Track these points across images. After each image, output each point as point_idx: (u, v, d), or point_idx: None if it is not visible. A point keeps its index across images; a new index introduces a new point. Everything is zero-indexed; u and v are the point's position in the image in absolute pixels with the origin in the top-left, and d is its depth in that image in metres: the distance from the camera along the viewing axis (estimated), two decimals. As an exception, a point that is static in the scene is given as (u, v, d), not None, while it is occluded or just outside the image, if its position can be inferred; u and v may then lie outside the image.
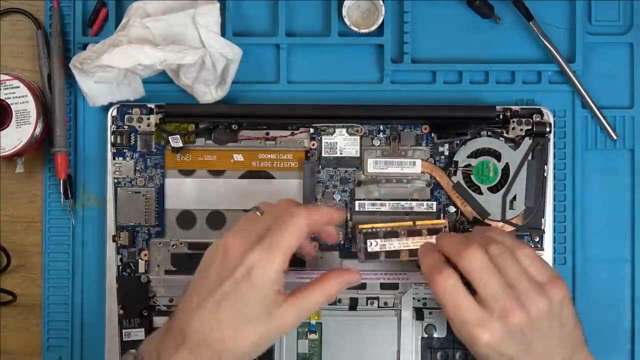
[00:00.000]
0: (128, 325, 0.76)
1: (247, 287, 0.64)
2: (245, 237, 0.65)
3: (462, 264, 0.68)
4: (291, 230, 0.65)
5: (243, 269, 0.64)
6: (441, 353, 0.76)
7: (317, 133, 0.77)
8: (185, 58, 0.72)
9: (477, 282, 0.67)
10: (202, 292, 0.65)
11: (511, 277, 0.67)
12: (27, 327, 0.79)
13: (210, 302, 0.64)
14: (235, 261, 0.65)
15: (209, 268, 0.66)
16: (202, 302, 0.65)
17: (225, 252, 0.65)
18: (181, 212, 0.77)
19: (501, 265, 0.68)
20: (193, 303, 0.65)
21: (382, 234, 0.75)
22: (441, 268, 0.68)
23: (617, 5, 0.79)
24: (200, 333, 0.64)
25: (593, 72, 0.78)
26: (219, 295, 0.64)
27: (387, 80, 0.78)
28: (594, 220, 0.78)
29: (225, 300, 0.64)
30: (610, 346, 0.78)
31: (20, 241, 0.79)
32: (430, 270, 0.69)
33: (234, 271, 0.64)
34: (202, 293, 0.65)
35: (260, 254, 0.64)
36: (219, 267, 0.65)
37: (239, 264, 0.64)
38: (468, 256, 0.68)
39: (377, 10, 0.77)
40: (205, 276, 0.66)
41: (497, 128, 0.76)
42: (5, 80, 0.76)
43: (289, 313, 0.65)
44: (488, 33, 0.79)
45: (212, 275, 0.65)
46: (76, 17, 0.78)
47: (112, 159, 0.77)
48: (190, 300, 0.65)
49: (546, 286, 0.67)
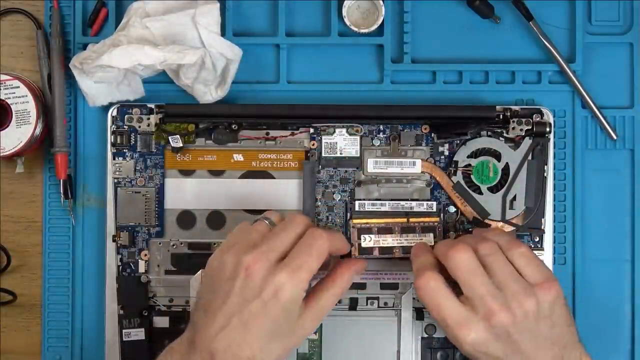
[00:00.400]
0: (128, 325, 0.76)
1: (275, 307, 0.65)
2: (267, 255, 0.66)
3: (448, 264, 0.69)
4: (316, 255, 0.66)
5: (271, 289, 0.65)
6: (441, 353, 0.76)
7: (317, 133, 0.77)
8: (185, 58, 0.72)
9: (463, 282, 0.68)
10: (226, 312, 0.65)
11: (500, 278, 0.68)
12: (27, 327, 0.79)
13: (238, 322, 0.65)
14: (260, 281, 0.65)
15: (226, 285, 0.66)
16: (228, 322, 0.65)
17: (247, 270, 0.65)
18: (181, 212, 0.77)
19: (490, 266, 0.68)
20: (218, 323, 0.65)
21: (376, 230, 0.75)
22: (425, 270, 0.69)
23: (617, 5, 0.79)
24: (229, 353, 0.64)
25: (593, 72, 0.78)
26: (246, 315, 0.65)
27: (387, 80, 0.78)
28: (594, 220, 0.78)
29: (253, 320, 0.65)
30: (610, 346, 0.78)
31: (20, 241, 0.79)
32: (416, 273, 0.70)
33: (260, 291, 0.65)
34: (226, 313, 0.65)
35: (289, 275, 0.65)
36: (242, 287, 0.65)
37: (266, 284, 0.65)
38: (454, 256, 0.68)
39: (377, 10, 0.77)
40: (226, 294, 0.65)
41: (497, 128, 0.76)
42: (5, 80, 0.76)
43: (308, 319, 0.67)
44: (488, 33, 0.79)
45: (236, 294, 0.65)
46: (76, 17, 0.78)
47: (112, 159, 0.77)
48: (214, 320, 0.65)
49: (537, 287, 0.68)
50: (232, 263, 0.66)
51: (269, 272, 0.65)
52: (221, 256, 0.67)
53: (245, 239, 0.67)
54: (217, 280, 0.67)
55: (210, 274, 0.68)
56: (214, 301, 0.66)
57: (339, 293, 0.69)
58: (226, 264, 0.66)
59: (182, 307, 0.76)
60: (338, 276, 0.69)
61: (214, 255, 0.68)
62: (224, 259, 0.67)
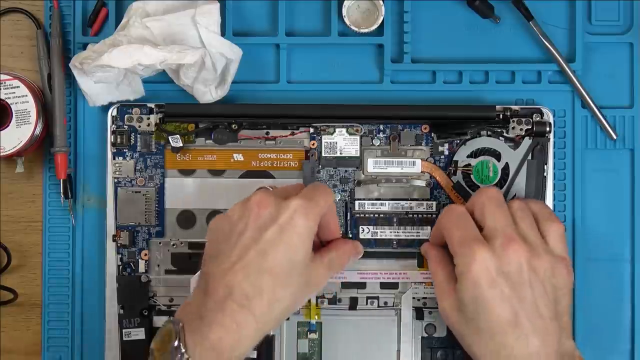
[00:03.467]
0: (128, 325, 0.76)
1: (291, 233, 0.64)
2: (275, 193, 0.66)
3: (477, 197, 0.68)
4: (324, 195, 0.67)
5: (286, 214, 0.64)
6: (441, 353, 0.76)
7: (317, 133, 0.77)
8: (185, 58, 0.72)
9: (488, 214, 0.67)
10: (239, 246, 0.64)
11: (523, 230, 0.67)
12: (27, 327, 0.79)
13: (254, 253, 0.63)
14: (274, 210, 0.64)
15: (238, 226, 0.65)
16: (244, 254, 0.63)
17: (259, 204, 0.65)
18: (181, 211, 0.77)
19: (518, 220, 0.68)
20: (232, 258, 0.63)
21: (375, 221, 0.75)
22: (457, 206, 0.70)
23: (617, 5, 0.79)
24: (249, 284, 0.63)
25: (593, 72, 0.78)
26: (262, 243, 0.63)
27: (387, 80, 0.78)
28: (594, 220, 0.78)
29: (271, 247, 0.63)
30: (610, 346, 0.78)
31: (20, 241, 0.79)
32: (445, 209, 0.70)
33: (274, 219, 0.64)
34: (239, 247, 0.64)
35: (302, 202, 0.64)
36: (255, 218, 0.64)
37: (280, 211, 0.64)
38: (485, 190, 0.69)
39: (377, 10, 0.77)
40: (240, 232, 0.64)
41: (497, 128, 0.76)
42: (5, 80, 0.76)
43: (320, 268, 0.67)
44: (488, 33, 0.79)
45: (249, 228, 0.64)
46: (76, 17, 0.78)
47: (112, 158, 0.77)
48: (226, 257, 0.64)
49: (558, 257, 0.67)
50: (239, 207, 0.66)
51: (281, 202, 0.65)
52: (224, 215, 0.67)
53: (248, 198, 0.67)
54: (226, 227, 0.66)
55: (215, 227, 0.67)
56: (224, 244, 0.65)
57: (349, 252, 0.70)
58: (233, 211, 0.66)
59: (182, 307, 0.76)
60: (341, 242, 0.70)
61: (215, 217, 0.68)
62: (229, 211, 0.66)
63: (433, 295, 0.76)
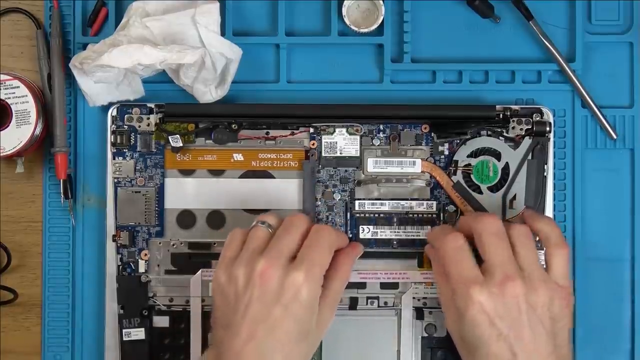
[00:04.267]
0: (128, 325, 0.76)
1: (297, 308, 0.65)
2: (277, 259, 0.66)
3: (476, 227, 0.68)
4: (327, 248, 0.68)
5: (290, 292, 0.65)
6: (441, 353, 0.76)
7: (316, 133, 0.77)
8: (185, 58, 0.72)
9: (486, 246, 0.67)
10: (250, 323, 0.65)
11: (523, 260, 0.67)
12: (27, 327, 0.79)
13: (263, 330, 0.65)
14: (277, 285, 0.65)
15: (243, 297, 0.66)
16: (254, 332, 0.65)
17: (262, 277, 0.65)
18: (181, 212, 0.77)
19: (518, 248, 0.68)
20: (244, 335, 0.65)
21: (375, 221, 0.75)
22: (452, 231, 0.69)
23: (617, 5, 0.79)
24: None
25: (593, 72, 0.78)
26: (271, 322, 0.65)
27: (386, 79, 0.78)
28: (594, 220, 0.78)
29: (279, 325, 0.65)
30: (610, 346, 0.78)
31: (20, 241, 0.79)
32: (440, 233, 0.70)
33: (280, 295, 0.65)
34: (250, 323, 0.65)
35: (305, 274, 0.65)
36: (260, 294, 0.65)
37: (284, 287, 0.65)
38: (484, 219, 0.68)
39: (377, 10, 0.77)
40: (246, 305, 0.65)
41: (497, 127, 0.76)
42: (5, 80, 0.76)
43: (326, 311, 0.68)
44: (488, 33, 0.79)
45: (255, 303, 0.65)
46: (76, 17, 0.78)
47: (112, 158, 0.77)
48: (238, 333, 0.65)
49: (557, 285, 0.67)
50: (244, 274, 0.66)
51: (285, 274, 0.65)
52: (228, 269, 0.67)
53: (249, 247, 0.68)
54: (231, 294, 0.67)
55: (221, 290, 0.68)
56: (232, 315, 0.66)
57: (346, 278, 0.71)
58: (237, 276, 0.66)
59: (182, 307, 0.76)
60: (340, 264, 0.70)
61: (219, 270, 0.68)
62: (233, 272, 0.67)
63: (433, 295, 0.76)
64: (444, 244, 0.69)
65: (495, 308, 0.66)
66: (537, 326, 0.66)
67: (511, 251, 0.68)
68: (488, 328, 0.66)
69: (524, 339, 0.66)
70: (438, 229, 0.73)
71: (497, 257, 0.67)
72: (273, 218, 0.70)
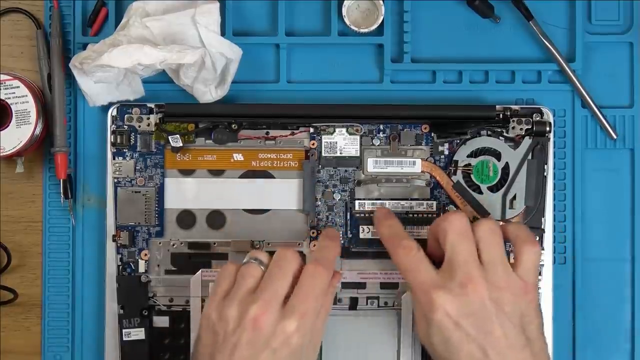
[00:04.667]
0: (128, 325, 0.76)
1: (286, 353, 0.65)
2: (271, 304, 0.66)
3: (441, 226, 0.68)
4: (320, 295, 0.67)
5: (280, 338, 0.65)
6: (441, 353, 0.76)
7: (316, 132, 0.77)
8: (185, 58, 0.72)
9: (449, 244, 0.67)
10: None
11: (487, 258, 0.67)
12: (27, 327, 0.79)
13: None
14: (269, 332, 0.65)
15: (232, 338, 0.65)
16: None
17: (255, 323, 0.65)
18: (181, 211, 0.77)
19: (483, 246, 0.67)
20: None
21: None
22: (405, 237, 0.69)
23: (617, 5, 0.79)
24: None
25: (593, 72, 0.78)
26: None
27: (387, 79, 0.78)
28: (594, 220, 0.78)
29: None
30: (610, 346, 0.78)
31: (20, 241, 0.79)
32: (392, 240, 0.70)
33: (270, 341, 0.65)
34: None
35: (297, 322, 0.65)
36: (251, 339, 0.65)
37: (275, 334, 0.65)
38: (448, 217, 0.68)
39: (377, 10, 0.77)
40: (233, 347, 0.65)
41: (497, 127, 0.76)
42: (5, 80, 0.76)
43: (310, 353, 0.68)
44: (488, 33, 0.79)
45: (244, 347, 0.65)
46: (76, 17, 0.78)
47: (112, 158, 0.77)
48: None
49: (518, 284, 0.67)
50: (236, 316, 0.66)
51: (277, 321, 0.65)
52: (219, 307, 0.67)
53: (241, 285, 0.67)
54: (221, 333, 0.66)
55: (211, 326, 0.67)
56: (217, 354, 0.66)
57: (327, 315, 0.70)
58: (229, 317, 0.66)
59: (182, 307, 0.76)
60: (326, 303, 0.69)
61: (210, 306, 0.67)
62: (224, 311, 0.66)
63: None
64: (396, 257, 0.69)
65: (459, 309, 0.66)
66: (505, 322, 0.66)
67: (475, 249, 0.67)
68: (455, 331, 0.66)
69: (494, 335, 0.66)
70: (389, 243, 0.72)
71: (459, 256, 0.67)
72: (265, 255, 0.69)
